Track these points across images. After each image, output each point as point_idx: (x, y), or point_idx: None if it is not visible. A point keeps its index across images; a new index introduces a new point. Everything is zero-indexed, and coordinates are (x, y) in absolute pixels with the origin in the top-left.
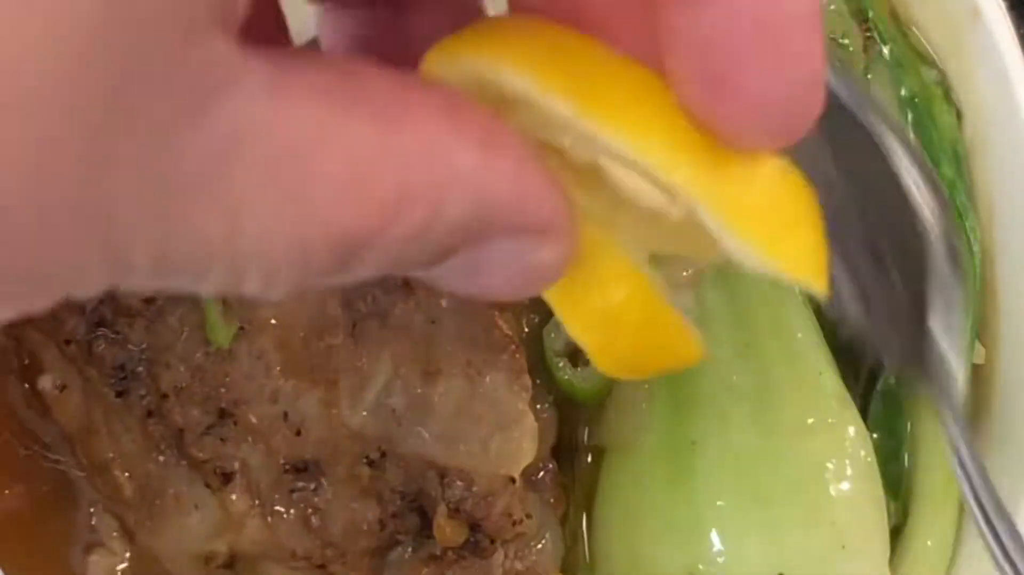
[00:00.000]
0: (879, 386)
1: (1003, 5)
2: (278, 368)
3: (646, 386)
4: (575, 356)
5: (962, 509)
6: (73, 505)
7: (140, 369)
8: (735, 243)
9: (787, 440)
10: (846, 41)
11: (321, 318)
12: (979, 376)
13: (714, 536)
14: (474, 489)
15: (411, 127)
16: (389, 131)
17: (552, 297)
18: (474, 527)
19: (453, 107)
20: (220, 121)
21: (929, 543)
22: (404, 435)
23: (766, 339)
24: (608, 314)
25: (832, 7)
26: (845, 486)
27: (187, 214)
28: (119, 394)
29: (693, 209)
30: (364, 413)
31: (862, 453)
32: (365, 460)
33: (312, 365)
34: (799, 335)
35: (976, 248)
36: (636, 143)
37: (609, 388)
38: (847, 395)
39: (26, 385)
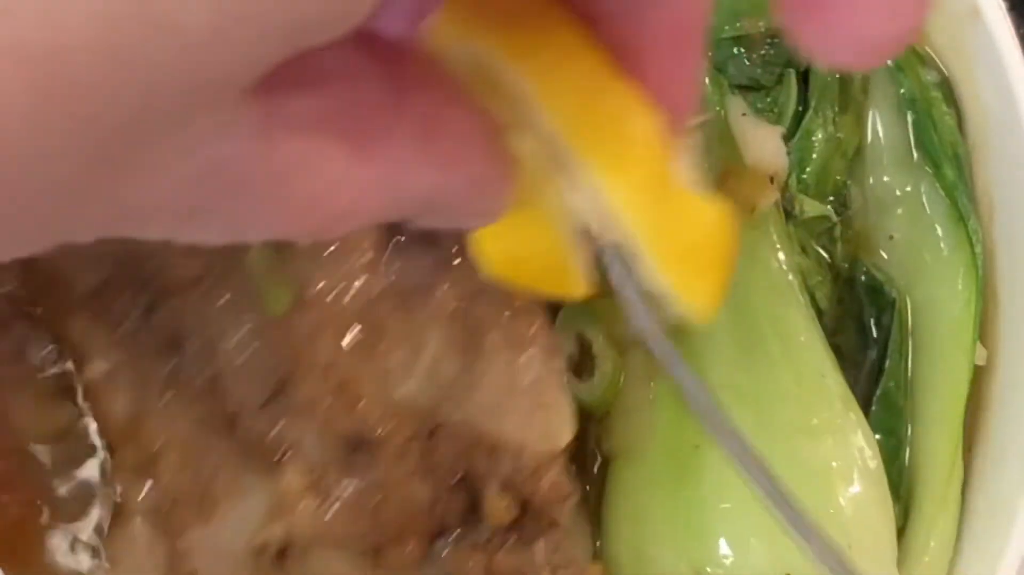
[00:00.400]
0: (879, 389)
1: (1003, 5)
2: (332, 339)
3: (650, 393)
4: (579, 368)
5: (963, 509)
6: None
7: (193, 348)
8: (650, 270)
9: (792, 442)
10: None
11: (370, 289)
12: (979, 377)
13: (721, 538)
14: (523, 462)
15: (382, 154)
16: (358, 160)
17: None
18: (523, 507)
19: (429, 127)
20: (203, 158)
21: (932, 544)
22: (455, 406)
23: (768, 341)
24: (514, 256)
25: None
26: (852, 488)
27: (143, 221)
28: (172, 374)
29: (626, 237)
30: (418, 382)
31: (868, 454)
32: (418, 435)
33: (365, 335)
34: (801, 338)
35: (979, 250)
36: (603, 185)
37: (613, 398)
38: (851, 397)
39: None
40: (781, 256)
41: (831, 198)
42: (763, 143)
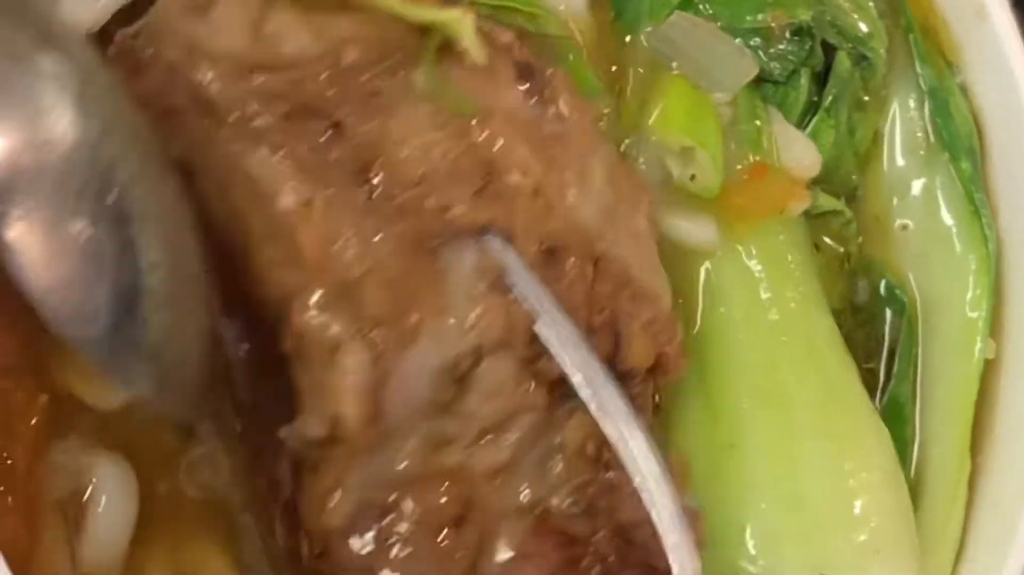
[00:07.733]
0: (887, 395)
1: (1008, 4)
2: (520, 149)
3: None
4: None
5: (968, 513)
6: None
7: (384, 167)
8: None
9: (817, 444)
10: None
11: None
12: (987, 375)
13: (755, 537)
14: (659, 312)
15: None
16: None
17: None
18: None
19: None
20: None
21: (939, 547)
22: (612, 241)
23: (793, 346)
24: None
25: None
26: (875, 491)
27: None
28: (369, 196)
29: None
30: (590, 207)
31: (888, 458)
32: (587, 259)
33: (539, 152)
34: (824, 345)
35: (992, 247)
36: None
37: None
38: (870, 403)
39: None
40: (805, 260)
41: (842, 196)
42: (801, 151)
